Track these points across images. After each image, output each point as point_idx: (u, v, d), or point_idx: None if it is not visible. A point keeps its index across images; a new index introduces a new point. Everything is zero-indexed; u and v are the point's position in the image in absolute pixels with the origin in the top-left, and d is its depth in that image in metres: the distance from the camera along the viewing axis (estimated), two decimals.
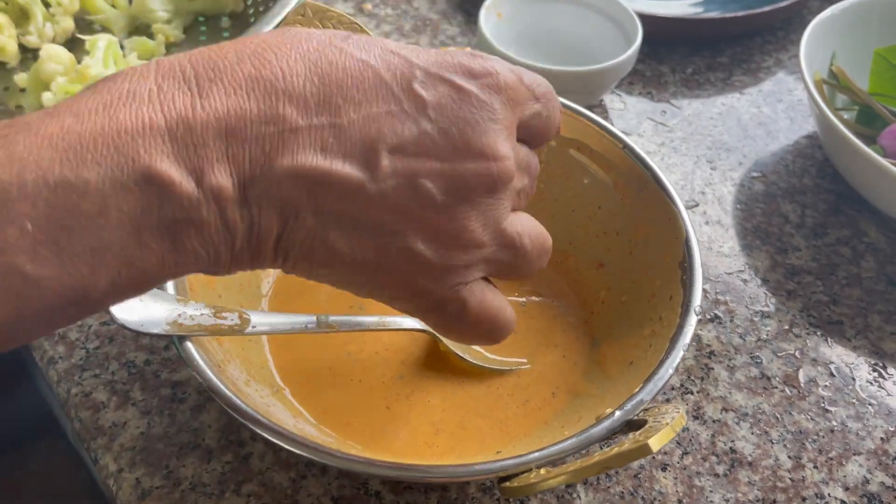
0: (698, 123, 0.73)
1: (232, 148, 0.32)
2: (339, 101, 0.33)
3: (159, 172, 0.30)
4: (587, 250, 0.57)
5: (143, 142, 0.30)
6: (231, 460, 0.49)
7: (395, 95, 0.34)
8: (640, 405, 0.42)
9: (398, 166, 0.34)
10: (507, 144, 0.36)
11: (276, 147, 0.32)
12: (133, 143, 0.30)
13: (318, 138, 0.33)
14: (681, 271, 0.49)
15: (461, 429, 0.49)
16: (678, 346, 0.45)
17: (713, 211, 0.66)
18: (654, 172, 0.53)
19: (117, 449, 0.49)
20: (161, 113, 0.31)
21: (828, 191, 0.68)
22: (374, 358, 0.52)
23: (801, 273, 0.62)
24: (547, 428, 0.49)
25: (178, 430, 0.50)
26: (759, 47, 0.81)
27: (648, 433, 0.38)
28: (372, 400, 0.50)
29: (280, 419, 0.44)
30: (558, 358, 0.53)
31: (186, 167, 0.31)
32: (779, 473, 0.51)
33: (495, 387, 0.52)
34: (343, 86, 0.33)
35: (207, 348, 0.44)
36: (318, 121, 0.33)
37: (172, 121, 0.31)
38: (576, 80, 0.68)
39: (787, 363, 0.57)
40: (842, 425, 0.54)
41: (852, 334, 0.59)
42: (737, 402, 0.54)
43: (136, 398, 0.51)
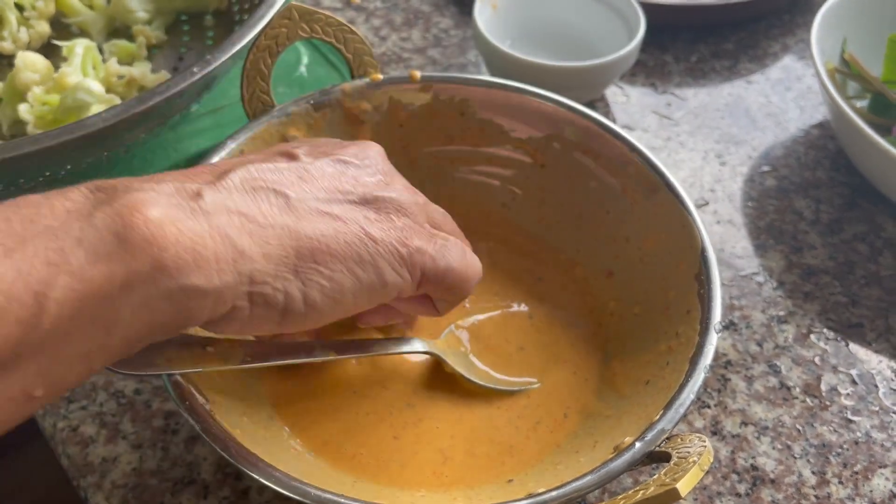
0: (705, 116, 0.70)
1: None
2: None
3: (109, 182, 0.33)
4: (595, 258, 0.54)
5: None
6: (228, 495, 0.47)
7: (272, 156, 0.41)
8: (661, 435, 0.40)
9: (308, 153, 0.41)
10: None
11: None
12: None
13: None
14: (697, 284, 0.46)
15: (470, 456, 0.47)
16: (699, 368, 0.42)
17: (724, 209, 0.63)
18: (665, 176, 0.51)
19: (108, 487, 0.47)
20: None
21: (842, 184, 0.66)
22: (381, 385, 0.49)
23: (818, 273, 0.60)
24: (560, 452, 0.47)
25: (172, 464, 0.48)
26: (765, 32, 0.78)
27: (674, 472, 0.35)
28: (379, 430, 0.47)
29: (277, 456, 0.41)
30: (569, 375, 0.51)
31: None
32: (803, 491, 0.49)
33: (504, 409, 0.49)
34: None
35: (199, 382, 0.42)
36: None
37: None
38: (577, 76, 0.65)
39: (807, 371, 0.54)
40: (866, 436, 0.51)
41: (873, 337, 0.56)
42: (756, 414, 0.52)
43: (127, 431, 0.49)
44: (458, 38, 0.76)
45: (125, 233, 0.30)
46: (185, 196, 0.33)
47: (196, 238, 0.32)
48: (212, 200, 0.34)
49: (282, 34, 0.51)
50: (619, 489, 0.48)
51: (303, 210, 0.36)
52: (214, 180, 0.35)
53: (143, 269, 0.30)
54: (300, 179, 0.38)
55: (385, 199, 0.40)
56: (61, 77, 0.61)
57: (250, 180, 0.36)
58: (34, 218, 0.30)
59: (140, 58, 0.68)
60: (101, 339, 0.30)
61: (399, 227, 0.39)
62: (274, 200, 0.36)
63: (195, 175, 0.36)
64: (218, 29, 0.72)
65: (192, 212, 0.32)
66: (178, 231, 0.31)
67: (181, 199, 0.33)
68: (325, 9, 0.55)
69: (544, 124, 0.54)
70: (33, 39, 0.68)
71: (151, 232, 0.31)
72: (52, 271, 0.29)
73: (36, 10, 0.68)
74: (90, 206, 0.31)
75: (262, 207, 0.35)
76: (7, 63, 0.67)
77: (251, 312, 0.35)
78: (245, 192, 0.35)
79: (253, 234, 0.34)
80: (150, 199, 0.32)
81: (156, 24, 0.70)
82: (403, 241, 0.39)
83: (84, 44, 0.64)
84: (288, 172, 0.38)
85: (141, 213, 0.31)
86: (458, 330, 0.52)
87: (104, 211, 0.31)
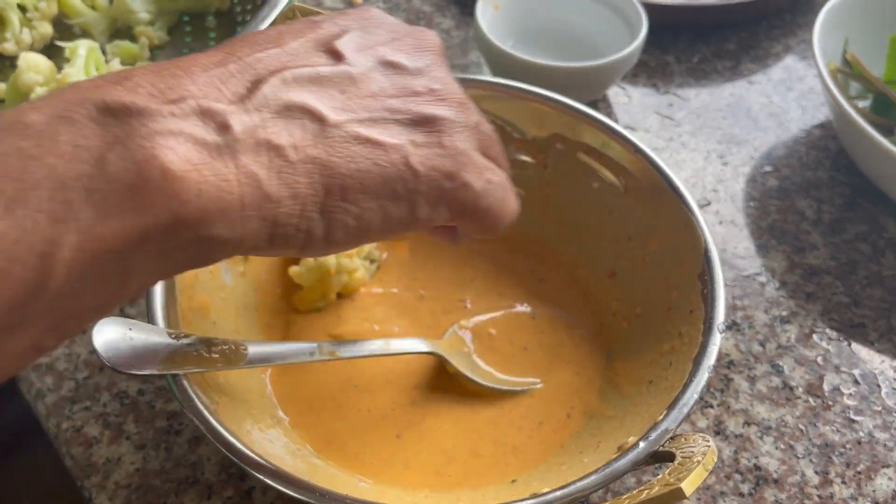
0: (707, 116, 0.70)
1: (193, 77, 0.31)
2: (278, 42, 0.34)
3: (120, 101, 0.28)
4: (598, 258, 0.54)
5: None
6: (232, 495, 0.47)
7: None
8: (665, 434, 0.40)
9: (362, 52, 0.35)
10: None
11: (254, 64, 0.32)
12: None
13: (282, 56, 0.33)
14: (700, 284, 0.47)
15: (474, 456, 0.47)
16: (702, 368, 0.42)
17: (726, 210, 0.63)
18: (668, 176, 0.51)
19: (112, 487, 0.47)
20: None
21: (844, 184, 0.66)
22: (384, 385, 0.49)
23: (820, 273, 0.60)
24: (563, 452, 0.47)
25: (176, 464, 0.48)
26: (766, 32, 0.78)
27: (679, 471, 0.35)
28: (382, 429, 0.47)
29: (281, 457, 0.41)
30: (572, 375, 0.51)
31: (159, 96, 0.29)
32: (806, 490, 0.49)
33: (507, 409, 0.49)
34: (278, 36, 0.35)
35: (203, 382, 0.42)
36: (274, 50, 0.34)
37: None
38: (579, 76, 0.65)
39: (809, 371, 0.54)
40: (869, 436, 0.51)
41: (876, 337, 0.56)
42: (759, 414, 0.52)
43: (131, 431, 0.49)
44: (459, 38, 0.76)
45: (141, 184, 0.27)
46: (212, 127, 0.29)
47: (222, 184, 0.29)
48: (241, 130, 0.30)
49: None
50: (622, 489, 0.48)
51: (339, 138, 0.32)
52: (245, 96, 0.31)
53: (161, 222, 0.27)
54: (342, 93, 0.33)
55: (437, 119, 0.35)
56: (64, 78, 0.61)
57: (285, 98, 0.32)
58: (36, 153, 0.26)
59: (142, 58, 0.68)
60: (113, 290, 0.28)
61: (447, 156, 0.35)
62: (309, 126, 0.32)
63: (225, 82, 0.31)
64: (220, 29, 0.72)
65: (217, 151, 0.29)
66: (201, 178, 0.28)
67: (206, 132, 0.29)
68: (326, 9, 0.55)
69: (547, 125, 0.54)
70: (36, 40, 0.68)
71: (171, 184, 0.27)
72: (58, 229, 0.26)
73: (38, 12, 0.68)
74: (101, 145, 0.27)
75: (294, 135, 0.31)
76: (10, 64, 0.67)
77: (268, 249, 0.32)
78: (277, 116, 0.31)
79: (282, 172, 0.30)
80: (170, 141, 0.28)
81: (158, 24, 0.70)
82: (450, 174, 0.35)
83: (87, 45, 0.64)
84: (329, 83, 0.33)
85: (160, 161, 0.27)
86: (462, 330, 0.52)
87: (117, 153, 0.27)
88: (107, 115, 0.27)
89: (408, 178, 0.33)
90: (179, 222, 0.28)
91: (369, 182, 0.32)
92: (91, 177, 0.26)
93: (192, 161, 0.28)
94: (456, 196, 0.35)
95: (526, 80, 0.56)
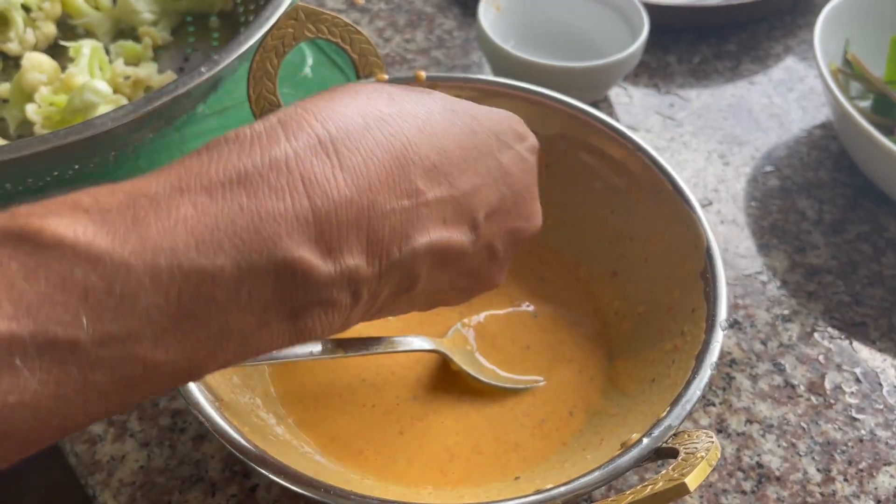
0: (708, 116, 0.70)
1: (372, 224, 0.31)
2: (454, 172, 0.34)
3: (301, 259, 0.29)
4: (600, 258, 0.55)
5: (285, 225, 0.29)
6: (236, 493, 0.47)
7: (488, 166, 0.36)
8: (668, 431, 0.40)
9: (489, 230, 0.37)
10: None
11: (412, 222, 0.32)
12: (274, 226, 0.29)
13: (443, 210, 0.34)
14: (703, 282, 0.47)
15: (476, 453, 0.47)
16: (705, 365, 0.42)
17: (727, 209, 0.63)
18: (670, 175, 0.51)
19: (116, 485, 0.47)
20: (304, 192, 0.29)
21: (845, 184, 0.66)
22: (387, 382, 0.49)
23: (822, 273, 0.60)
24: (566, 450, 0.47)
25: (180, 462, 0.48)
26: (767, 33, 0.79)
27: (682, 467, 0.35)
28: (385, 425, 0.47)
29: (285, 453, 0.41)
30: (574, 374, 0.51)
31: (326, 249, 0.30)
32: (808, 488, 0.49)
33: (510, 406, 0.49)
34: (454, 157, 0.35)
35: (207, 379, 0.42)
36: (441, 192, 0.34)
37: (316, 202, 0.29)
38: (581, 77, 0.65)
39: (811, 369, 0.54)
40: (871, 434, 0.52)
41: (877, 336, 0.56)
42: (761, 412, 0.52)
43: (135, 429, 0.49)
44: (461, 39, 0.76)
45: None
46: (348, 293, 0.32)
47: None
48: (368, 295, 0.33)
49: (288, 35, 0.52)
50: (625, 486, 0.48)
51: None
52: (382, 261, 0.33)
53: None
54: (449, 266, 0.37)
55: (482, 276, 0.40)
56: (68, 78, 0.61)
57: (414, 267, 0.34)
58: (216, 297, 0.28)
59: (146, 58, 0.68)
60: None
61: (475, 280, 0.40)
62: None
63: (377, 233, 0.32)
64: (223, 30, 0.72)
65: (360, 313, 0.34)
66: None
67: (346, 296, 0.32)
68: (329, 10, 0.55)
69: (548, 125, 0.54)
70: (40, 40, 0.69)
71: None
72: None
73: (42, 12, 0.69)
74: (271, 301, 0.30)
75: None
76: (14, 64, 0.67)
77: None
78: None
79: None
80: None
81: (161, 25, 0.71)
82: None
83: (90, 45, 0.64)
84: (453, 258, 0.36)
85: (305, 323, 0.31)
86: (465, 328, 0.52)
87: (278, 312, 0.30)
88: (282, 273, 0.29)
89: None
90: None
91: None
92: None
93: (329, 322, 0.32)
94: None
95: (528, 80, 0.56)
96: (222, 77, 0.55)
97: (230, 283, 0.28)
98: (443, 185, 0.34)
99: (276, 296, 0.29)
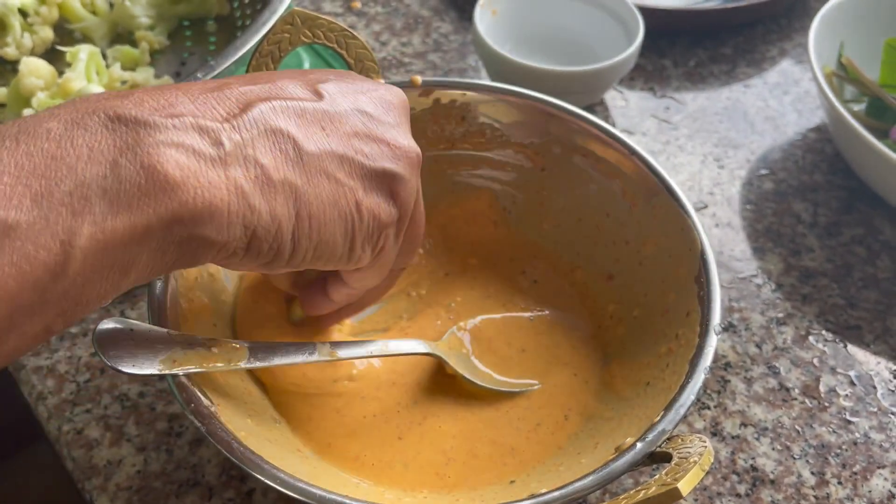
0: (703, 119, 0.71)
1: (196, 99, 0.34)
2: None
3: (133, 114, 0.32)
4: (595, 261, 0.55)
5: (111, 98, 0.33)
6: (233, 497, 0.47)
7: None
8: (662, 435, 0.40)
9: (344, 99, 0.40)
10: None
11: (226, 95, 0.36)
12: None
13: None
14: (697, 286, 0.47)
15: (473, 457, 0.47)
16: (699, 370, 0.43)
17: (723, 213, 0.64)
18: (665, 179, 0.51)
19: (113, 489, 0.47)
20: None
21: (840, 187, 0.66)
22: (384, 386, 0.49)
23: (816, 276, 0.60)
24: (562, 454, 0.47)
25: (177, 466, 0.48)
26: (762, 37, 0.79)
27: (675, 472, 0.36)
28: (382, 430, 0.48)
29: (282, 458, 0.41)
30: (569, 377, 0.51)
31: (155, 109, 0.32)
32: (802, 491, 0.49)
33: (505, 410, 0.50)
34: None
35: (204, 384, 0.42)
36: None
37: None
38: (577, 80, 0.65)
39: (805, 372, 0.55)
40: (865, 437, 0.52)
41: (871, 339, 0.57)
42: (756, 415, 0.52)
43: (131, 433, 0.49)
44: (457, 42, 0.77)
45: (148, 186, 0.31)
46: (207, 141, 0.33)
47: (214, 191, 0.33)
48: (231, 147, 0.34)
49: (284, 39, 0.52)
50: (619, 490, 0.48)
51: (312, 168, 0.37)
52: (237, 113, 0.35)
53: (162, 220, 0.31)
54: (321, 128, 0.38)
55: (393, 174, 0.40)
56: (65, 82, 0.61)
57: (272, 120, 0.36)
58: (57, 154, 0.30)
59: (143, 63, 0.68)
60: (117, 280, 0.32)
61: (387, 212, 0.40)
62: (289, 150, 0.36)
63: (219, 103, 0.35)
64: (220, 34, 0.72)
65: (211, 162, 0.33)
66: (197, 185, 0.32)
67: (203, 144, 0.33)
68: (325, 14, 0.55)
69: (544, 128, 0.55)
70: (37, 45, 0.69)
71: (172, 188, 0.31)
72: (77, 221, 0.29)
73: (39, 16, 0.69)
74: (113, 150, 0.31)
75: (276, 158, 0.35)
76: (11, 69, 0.67)
77: (242, 259, 0.36)
78: (264, 136, 0.35)
79: (265, 189, 0.35)
80: (172, 150, 0.32)
81: (158, 29, 0.71)
82: (384, 224, 0.40)
83: (87, 49, 0.64)
84: (311, 116, 0.37)
85: (164, 167, 0.31)
86: (460, 332, 0.52)
87: (127, 158, 0.31)
88: (117, 124, 0.31)
89: (355, 220, 0.38)
90: (177, 221, 0.32)
91: (328, 216, 0.37)
92: (105, 177, 0.30)
93: (191, 169, 0.32)
94: (383, 245, 0.41)
95: (523, 84, 0.56)
96: None
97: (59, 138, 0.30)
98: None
99: (116, 144, 0.31)
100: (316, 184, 0.37)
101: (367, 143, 0.39)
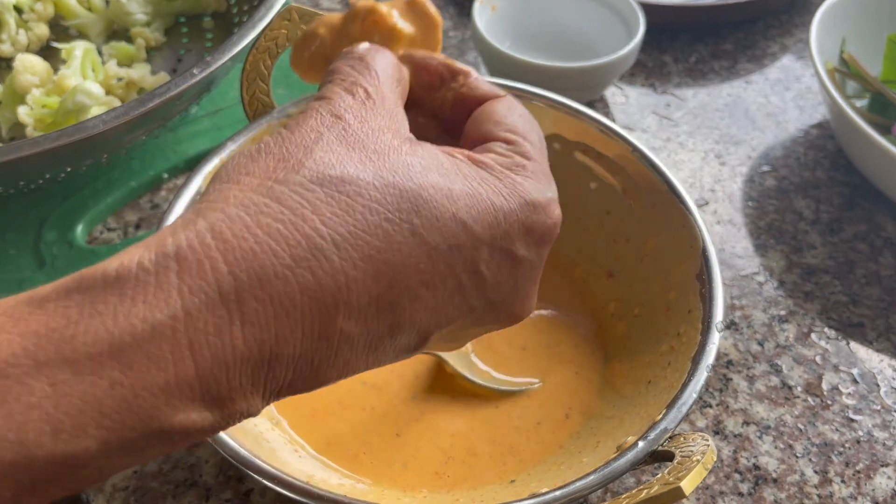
0: (704, 116, 0.70)
1: (273, 372, 0.26)
2: (403, 302, 0.28)
3: (180, 422, 0.25)
4: (596, 259, 0.54)
5: (164, 397, 0.24)
6: (231, 498, 0.46)
7: (460, 283, 0.30)
8: (664, 434, 0.40)
9: (438, 343, 0.32)
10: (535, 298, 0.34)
11: (325, 359, 0.27)
12: (151, 400, 0.24)
13: (373, 340, 0.28)
14: (699, 284, 0.46)
15: (472, 456, 0.47)
16: (701, 367, 0.42)
17: (724, 209, 0.63)
18: (666, 176, 0.51)
19: (109, 489, 0.46)
20: (191, 358, 0.24)
21: (842, 184, 0.66)
22: (383, 385, 0.49)
23: (819, 273, 0.60)
24: (562, 452, 0.47)
25: (174, 466, 0.48)
26: (763, 32, 0.78)
27: (678, 471, 0.35)
28: (381, 428, 0.47)
29: (280, 458, 0.41)
30: (571, 375, 0.51)
31: (212, 402, 0.25)
32: (805, 490, 0.49)
33: (506, 409, 0.49)
34: (407, 285, 0.28)
35: None
36: (376, 325, 0.28)
37: (205, 367, 0.25)
38: (577, 77, 0.65)
39: (808, 370, 0.54)
40: (868, 435, 0.51)
41: (874, 337, 0.56)
42: (758, 414, 0.52)
43: None
44: (456, 39, 0.76)
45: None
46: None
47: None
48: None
49: (281, 35, 0.51)
50: (621, 489, 0.47)
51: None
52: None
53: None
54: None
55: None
56: (61, 79, 0.61)
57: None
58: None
59: (139, 60, 0.68)
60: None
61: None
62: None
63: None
64: (217, 31, 0.72)
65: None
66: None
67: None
68: (323, 10, 0.55)
69: (544, 125, 0.54)
70: (32, 42, 0.68)
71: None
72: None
73: (35, 13, 0.68)
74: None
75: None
76: (6, 65, 0.67)
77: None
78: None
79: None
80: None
81: (154, 26, 0.70)
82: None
83: (83, 46, 0.64)
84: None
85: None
86: None
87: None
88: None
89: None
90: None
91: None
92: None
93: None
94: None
95: (523, 80, 0.56)
96: (215, 78, 0.55)
97: (95, 461, 0.24)
98: (382, 319, 0.28)
99: (148, 452, 0.25)
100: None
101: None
